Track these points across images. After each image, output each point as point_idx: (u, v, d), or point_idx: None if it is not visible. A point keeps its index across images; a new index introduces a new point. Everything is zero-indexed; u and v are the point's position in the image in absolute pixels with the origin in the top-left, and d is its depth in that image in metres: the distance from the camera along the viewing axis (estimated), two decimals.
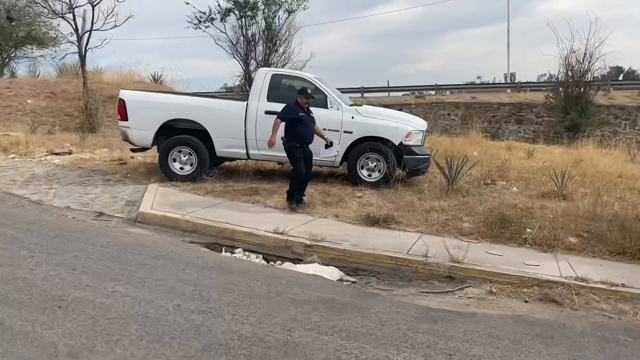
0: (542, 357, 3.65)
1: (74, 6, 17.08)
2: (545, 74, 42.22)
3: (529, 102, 23.44)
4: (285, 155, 9.01)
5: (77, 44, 17.80)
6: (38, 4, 18.43)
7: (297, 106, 7.56)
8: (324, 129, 8.75)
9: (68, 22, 17.44)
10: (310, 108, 7.80)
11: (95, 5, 17.03)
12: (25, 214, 6.89)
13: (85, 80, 17.72)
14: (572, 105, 19.08)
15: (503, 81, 32.69)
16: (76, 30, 17.49)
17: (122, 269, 4.80)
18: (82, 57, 17.73)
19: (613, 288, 5.10)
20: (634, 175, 10.27)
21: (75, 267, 4.75)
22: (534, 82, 30.03)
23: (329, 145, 7.92)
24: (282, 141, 7.61)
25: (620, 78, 43.84)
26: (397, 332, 3.88)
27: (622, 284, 5.18)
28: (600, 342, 4.00)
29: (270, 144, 7.43)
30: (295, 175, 7.60)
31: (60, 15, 17.58)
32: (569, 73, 19.36)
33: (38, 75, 24.23)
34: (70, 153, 11.52)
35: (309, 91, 7.71)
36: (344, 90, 19.47)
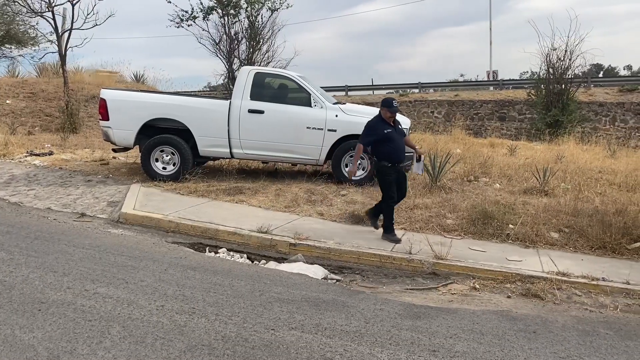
0: (524, 351, 3.69)
1: (53, 5, 16.81)
2: (527, 72, 42.80)
3: (511, 100, 23.66)
4: (270, 154, 9.02)
5: (57, 43, 17.54)
6: (16, 3, 18.11)
7: (380, 121, 6.48)
8: (307, 128, 8.78)
9: (47, 20, 17.17)
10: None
11: (75, 3, 16.79)
12: (4, 216, 6.77)
13: (65, 80, 17.46)
14: (553, 102, 19.30)
15: (486, 79, 32.98)
16: (56, 29, 17.22)
17: (104, 271, 4.75)
18: (63, 57, 17.46)
19: (594, 282, 5.17)
20: (614, 170, 10.42)
21: (56, 269, 4.69)
22: (516, 80, 30.35)
23: (418, 159, 6.85)
24: (370, 160, 6.61)
25: (601, 75, 44.56)
26: (381, 330, 3.89)
27: (603, 278, 5.26)
28: (582, 335, 4.05)
29: (351, 174, 6.68)
30: (388, 203, 6.44)
31: (39, 14, 17.29)
32: (550, 70, 19.57)
33: (17, 75, 23.81)
34: (50, 154, 11.37)
35: (395, 103, 6.47)
36: (328, 89, 19.51)
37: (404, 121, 9.49)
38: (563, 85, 19.42)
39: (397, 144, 6.42)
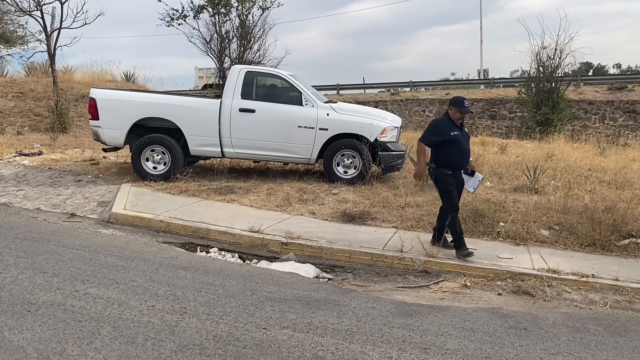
0: (515, 348, 3.71)
1: (42, 3, 16.68)
2: (517, 70, 43.13)
3: (502, 98, 23.78)
4: (261, 153, 9.00)
5: (46, 42, 17.40)
6: (5, 2, 17.95)
7: (448, 122, 5.83)
8: (298, 127, 8.77)
9: (36, 19, 17.03)
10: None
11: (64, 2, 16.66)
12: None
13: (55, 79, 17.33)
14: (543, 100, 19.41)
15: (476, 77, 33.14)
16: (45, 28, 17.09)
17: (95, 271, 4.72)
18: (52, 56, 17.34)
19: (583, 279, 5.21)
20: (603, 168, 10.50)
21: (46, 269, 4.66)
22: (506, 78, 30.49)
23: (471, 173, 5.99)
24: (427, 167, 6.01)
25: (590, 73, 44.93)
26: (373, 328, 3.90)
27: (592, 274, 5.30)
28: (571, 332, 4.08)
29: (417, 177, 5.99)
30: (447, 212, 5.84)
31: (28, 12, 17.14)
32: (540, 69, 19.66)
33: (6, 75, 23.61)
34: (40, 154, 11.28)
35: (466, 103, 5.83)
36: (319, 88, 19.46)
37: (394, 120, 9.53)
38: (553, 84, 19.53)
39: (462, 148, 5.80)
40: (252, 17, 19.00)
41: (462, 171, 5.87)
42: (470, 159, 6.12)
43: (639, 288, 5.04)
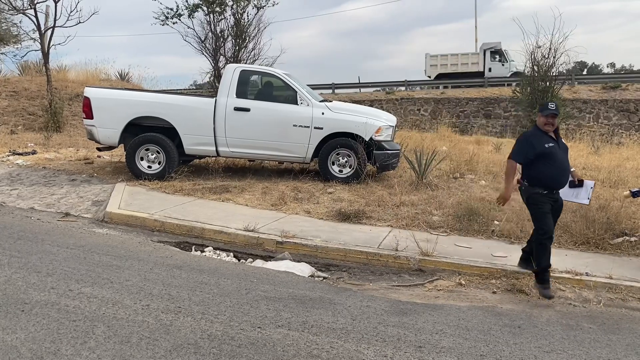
0: (509, 346, 3.73)
1: (35, 2, 16.58)
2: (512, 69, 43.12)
3: (497, 97, 23.85)
4: (256, 152, 8.99)
5: (39, 41, 17.32)
6: None
7: (537, 132, 5.03)
8: (294, 126, 8.76)
9: (30, 18, 16.93)
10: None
11: (58, 1, 16.57)
12: None
13: (49, 78, 17.23)
14: (538, 99, 19.43)
15: None
16: (38, 26, 17.00)
17: (89, 270, 4.70)
18: (46, 55, 17.24)
19: (577, 277, 5.24)
20: (598, 167, 10.55)
21: (40, 269, 4.64)
22: (501, 77, 30.52)
23: (576, 184, 5.27)
24: (518, 185, 5.24)
25: (584, 72, 45.14)
26: (367, 326, 3.90)
27: (586, 272, 5.32)
28: (565, 330, 4.10)
29: (502, 201, 5.18)
30: (541, 239, 4.93)
31: (22, 11, 17.04)
32: (535, 68, 19.69)
33: None
34: (34, 153, 11.24)
35: (551, 105, 5.04)
36: (314, 87, 19.47)
37: (389, 119, 9.54)
38: (547, 83, 19.55)
39: (559, 163, 4.94)
40: (247, 15, 18.93)
41: (558, 190, 5.07)
42: (573, 169, 5.28)
43: (632, 286, 5.08)
